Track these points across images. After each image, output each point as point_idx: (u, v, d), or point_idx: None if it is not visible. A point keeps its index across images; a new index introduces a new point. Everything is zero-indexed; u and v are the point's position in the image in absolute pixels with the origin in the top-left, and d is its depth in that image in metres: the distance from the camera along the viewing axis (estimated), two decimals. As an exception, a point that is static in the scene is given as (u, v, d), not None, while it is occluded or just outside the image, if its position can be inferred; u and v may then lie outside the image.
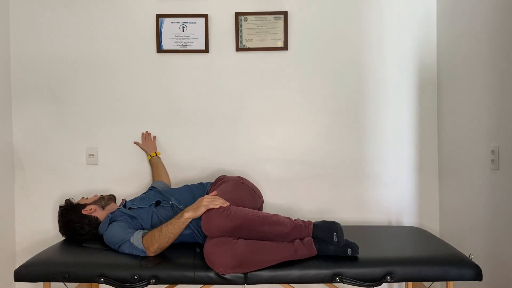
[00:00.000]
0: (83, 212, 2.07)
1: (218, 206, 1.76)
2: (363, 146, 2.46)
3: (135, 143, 2.47)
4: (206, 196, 1.85)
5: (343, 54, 2.45)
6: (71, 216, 2.08)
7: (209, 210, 1.77)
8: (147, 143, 2.46)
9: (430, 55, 2.44)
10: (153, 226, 1.98)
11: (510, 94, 1.77)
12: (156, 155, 2.44)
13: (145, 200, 2.12)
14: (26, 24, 2.43)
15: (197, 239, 1.99)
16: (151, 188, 2.28)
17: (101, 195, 2.19)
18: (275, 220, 1.81)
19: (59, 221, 2.12)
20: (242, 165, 2.45)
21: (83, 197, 2.20)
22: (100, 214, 2.09)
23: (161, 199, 2.10)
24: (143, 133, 2.47)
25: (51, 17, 2.43)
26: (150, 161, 2.44)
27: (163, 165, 2.43)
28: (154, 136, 2.47)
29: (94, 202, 2.13)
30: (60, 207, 2.14)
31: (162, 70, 2.45)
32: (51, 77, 2.44)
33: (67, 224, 2.08)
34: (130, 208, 2.08)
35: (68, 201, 2.15)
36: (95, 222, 2.07)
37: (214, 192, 1.91)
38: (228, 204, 1.80)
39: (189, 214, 1.81)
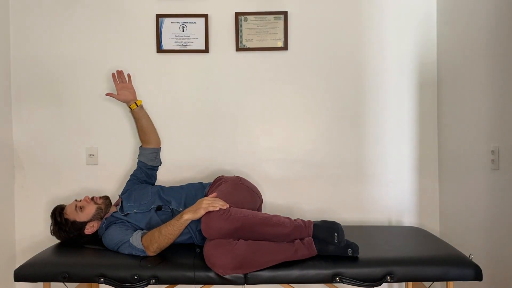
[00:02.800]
0: (86, 232, 2.01)
1: (217, 209, 1.75)
2: (363, 146, 2.46)
3: (108, 94, 2.27)
4: (205, 198, 1.84)
5: (343, 54, 2.45)
6: (71, 234, 2.01)
7: (208, 212, 1.76)
8: (124, 89, 2.25)
9: (430, 55, 2.44)
10: (151, 227, 1.96)
11: (510, 94, 1.77)
12: (137, 105, 2.23)
13: (143, 203, 2.08)
14: (26, 24, 2.43)
15: (196, 243, 1.98)
16: (140, 166, 2.26)
17: (93, 198, 2.07)
18: (275, 221, 1.80)
19: (55, 233, 2.04)
20: (242, 165, 2.45)
21: (76, 200, 2.07)
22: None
23: (162, 204, 2.06)
24: (113, 74, 2.25)
25: (51, 18, 2.43)
26: (132, 113, 2.26)
27: (149, 118, 2.28)
28: (129, 75, 2.29)
29: (94, 218, 2.03)
30: (55, 221, 2.02)
31: (162, 70, 2.45)
32: (51, 77, 2.44)
33: (68, 240, 2.03)
34: (127, 214, 2.04)
35: (61, 216, 2.01)
36: (96, 234, 2.04)
37: (214, 194, 1.89)
38: (228, 206, 1.79)
39: (188, 216, 1.80)
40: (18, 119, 2.44)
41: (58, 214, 2.03)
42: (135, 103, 2.26)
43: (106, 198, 2.14)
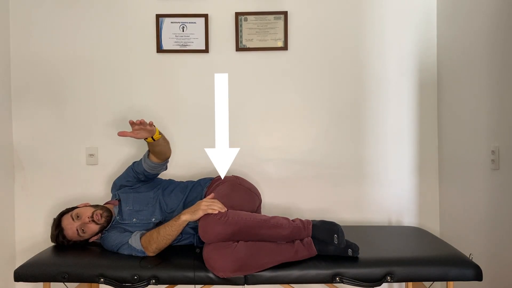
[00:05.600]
0: (90, 241, 2.02)
1: (216, 211, 1.73)
2: (363, 146, 2.46)
3: (121, 134, 1.96)
4: (204, 199, 1.82)
5: (343, 53, 2.45)
6: (75, 245, 2.01)
7: (206, 216, 1.74)
8: (142, 130, 1.95)
9: (430, 55, 2.44)
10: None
11: (510, 94, 1.77)
12: (154, 139, 1.99)
13: (143, 210, 2.04)
14: (26, 24, 2.43)
15: (196, 245, 1.99)
16: (142, 170, 2.10)
17: (93, 218, 1.96)
18: (274, 223, 1.79)
19: (55, 242, 2.01)
20: (242, 165, 2.45)
21: (71, 217, 1.96)
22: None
23: (162, 218, 2.02)
24: (131, 122, 1.93)
25: (51, 17, 2.43)
26: (147, 143, 2.03)
27: (164, 144, 2.05)
28: (151, 122, 1.97)
29: (98, 233, 1.99)
30: (56, 241, 1.98)
31: (162, 70, 2.45)
32: (51, 77, 2.44)
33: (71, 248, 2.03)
34: (127, 223, 2.02)
35: (64, 238, 1.96)
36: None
37: (212, 195, 1.88)
38: (226, 209, 1.76)
39: (186, 217, 1.79)
40: (18, 119, 2.44)
41: (61, 236, 1.98)
42: (152, 137, 2.00)
43: (108, 215, 1.99)
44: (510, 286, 1.78)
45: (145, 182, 2.18)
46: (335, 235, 1.76)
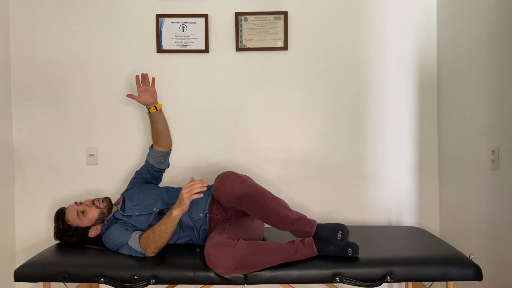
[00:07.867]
0: (90, 235, 2.02)
1: (197, 191, 1.78)
2: (363, 146, 2.46)
3: (129, 96, 2.21)
4: (183, 187, 1.83)
5: (343, 54, 2.45)
6: (74, 238, 2.02)
7: (226, 173, 1.88)
8: (146, 92, 2.18)
9: (430, 55, 2.44)
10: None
11: (510, 94, 1.77)
12: (157, 109, 2.18)
13: (145, 205, 2.06)
14: (26, 24, 2.43)
15: (196, 243, 2.00)
16: (147, 167, 2.23)
17: (94, 202, 2.05)
18: (284, 205, 1.87)
19: (58, 238, 2.04)
20: (242, 165, 2.45)
21: (76, 203, 2.07)
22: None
23: (164, 207, 2.04)
24: (137, 76, 2.20)
25: (51, 17, 2.43)
26: (149, 116, 2.21)
27: (165, 122, 2.23)
28: (153, 78, 2.24)
29: (97, 222, 2.02)
30: (58, 227, 2.02)
31: (162, 70, 2.45)
32: (51, 77, 2.44)
33: (70, 242, 2.04)
34: (129, 216, 2.03)
35: (64, 222, 2.01)
36: (98, 236, 2.05)
37: (191, 179, 1.87)
38: (206, 183, 1.81)
39: (176, 212, 1.82)
40: (18, 119, 2.44)
41: (60, 220, 2.02)
42: (155, 106, 2.20)
43: (108, 201, 2.11)
44: (510, 286, 1.78)
45: (150, 183, 2.25)
46: (340, 231, 1.77)
